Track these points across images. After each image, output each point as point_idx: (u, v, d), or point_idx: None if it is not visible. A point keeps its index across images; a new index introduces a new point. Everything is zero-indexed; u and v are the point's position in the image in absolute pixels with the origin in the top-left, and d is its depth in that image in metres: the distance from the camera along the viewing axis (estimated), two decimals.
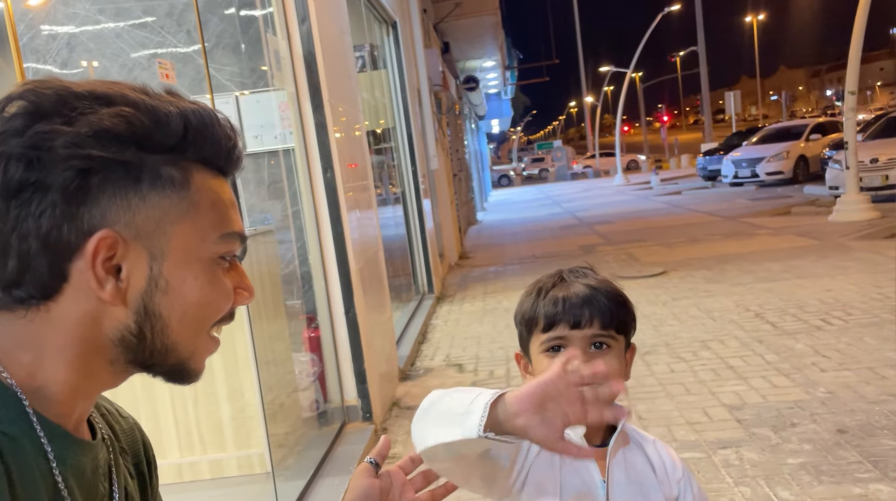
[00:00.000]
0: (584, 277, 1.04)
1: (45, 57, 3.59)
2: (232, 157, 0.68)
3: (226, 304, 0.67)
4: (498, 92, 24.83)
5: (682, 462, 1.07)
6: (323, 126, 3.37)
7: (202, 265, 0.65)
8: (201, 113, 0.64)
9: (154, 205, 0.62)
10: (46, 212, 0.58)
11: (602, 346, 1.00)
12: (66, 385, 0.63)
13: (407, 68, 6.83)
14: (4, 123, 0.59)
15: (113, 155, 0.60)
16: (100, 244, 0.60)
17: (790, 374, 3.72)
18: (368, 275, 3.82)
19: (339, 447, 3.19)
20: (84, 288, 0.61)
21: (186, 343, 0.66)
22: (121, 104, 0.61)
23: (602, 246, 9.76)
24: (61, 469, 0.62)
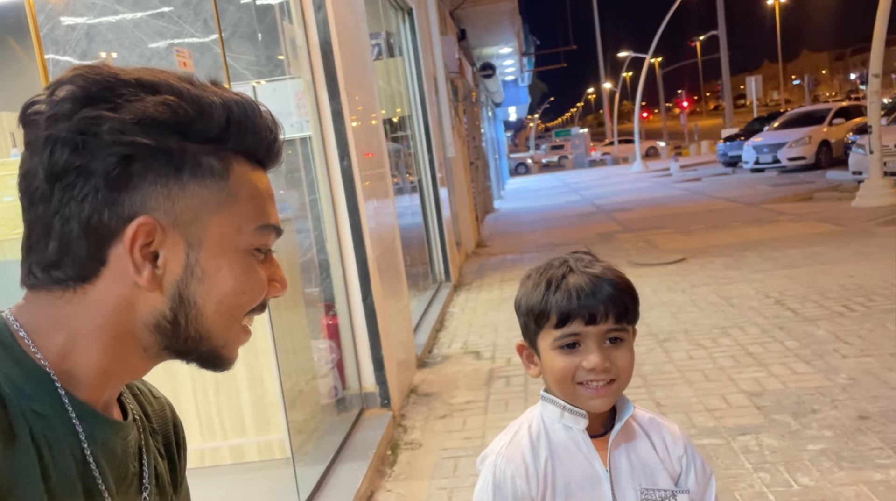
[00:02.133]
0: (591, 265, 1.01)
1: (64, 48, 3.62)
2: (272, 149, 0.69)
3: (259, 295, 0.68)
4: (515, 79, 24.67)
5: (684, 437, 1.06)
6: (339, 114, 3.38)
7: (238, 256, 0.66)
8: (244, 104, 0.65)
9: (193, 194, 0.63)
10: (89, 196, 0.60)
11: (617, 340, 0.98)
12: (97, 368, 0.64)
13: (423, 56, 6.81)
14: (53, 107, 0.60)
15: (156, 143, 0.61)
16: (138, 230, 0.61)
17: (811, 360, 3.69)
18: (385, 263, 3.83)
19: (357, 433, 3.21)
20: (121, 273, 0.62)
21: (220, 332, 0.67)
22: (166, 93, 0.62)
23: (620, 233, 9.70)
24: (92, 448, 0.63)
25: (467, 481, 2.82)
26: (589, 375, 0.97)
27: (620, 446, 1.02)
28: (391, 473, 2.98)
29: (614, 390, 0.99)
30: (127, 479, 0.68)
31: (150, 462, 0.72)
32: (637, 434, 1.04)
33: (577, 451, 1.01)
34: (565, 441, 1.02)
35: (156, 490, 0.73)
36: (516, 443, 1.04)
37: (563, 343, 0.98)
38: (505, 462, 1.02)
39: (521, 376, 4.04)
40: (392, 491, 2.81)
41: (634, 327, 1.03)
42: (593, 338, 0.97)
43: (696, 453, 1.06)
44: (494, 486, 1.02)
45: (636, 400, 1.08)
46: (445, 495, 2.73)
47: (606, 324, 0.97)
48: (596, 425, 1.02)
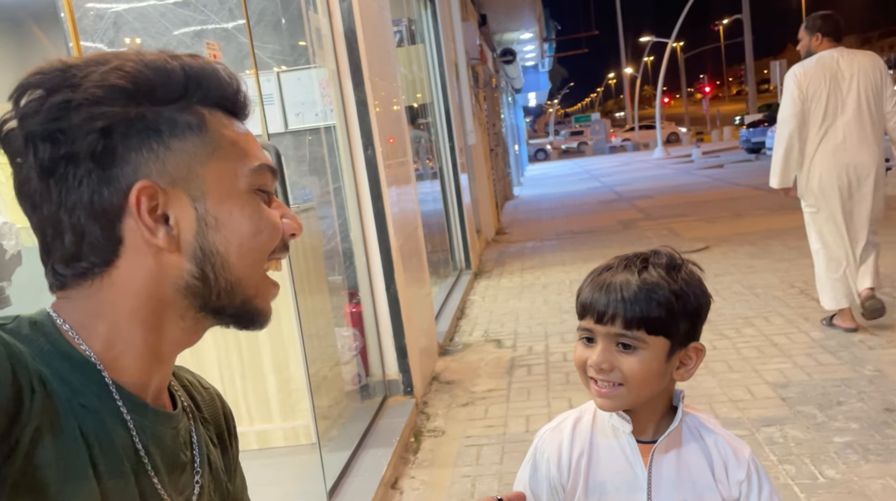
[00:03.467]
0: (640, 267, 0.96)
1: (92, 36, 3.66)
2: (238, 98, 0.70)
3: (276, 232, 0.69)
4: (535, 64, 24.46)
5: (754, 463, 1.00)
6: (364, 103, 3.38)
7: (243, 197, 0.67)
8: (198, 61, 0.67)
9: (179, 150, 0.64)
10: (84, 181, 0.61)
11: (629, 347, 0.95)
12: (143, 348, 0.65)
13: (444, 42, 6.78)
14: (21, 110, 0.61)
15: (126, 109, 0.62)
16: (140, 194, 0.62)
17: (836, 352, 3.65)
18: (408, 251, 3.85)
19: (381, 419, 3.25)
20: (139, 245, 0.63)
21: (248, 278, 0.68)
22: (113, 61, 0.63)
23: (642, 221, 9.64)
24: (142, 438, 0.64)
25: (490, 469, 2.84)
26: (591, 371, 0.96)
27: (670, 455, 0.99)
28: (415, 460, 3.01)
29: (620, 394, 0.95)
30: (179, 467, 0.69)
31: (202, 449, 0.73)
32: (693, 447, 1.00)
33: (620, 452, 1.00)
34: (611, 440, 1.02)
35: (210, 476, 0.74)
36: (559, 430, 1.06)
37: (581, 335, 0.99)
38: (545, 444, 1.05)
39: (543, 365, 4.05)
40: (416, 478, 2.84)
41: (679, 339, 0.96)
42: (602, 337, 0.96)
43: (766, 481, 1.00)
44: (533, 465, 1.06)
45: None
46: (469, 482, 2.75)
47: (614, 327, 0.94)
48: (646, 430, 1.00)
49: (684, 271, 0.98)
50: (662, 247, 1.01)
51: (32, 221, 0.64)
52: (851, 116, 3.71)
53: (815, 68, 3.77)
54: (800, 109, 3.76)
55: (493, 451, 3.00)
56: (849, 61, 3.74)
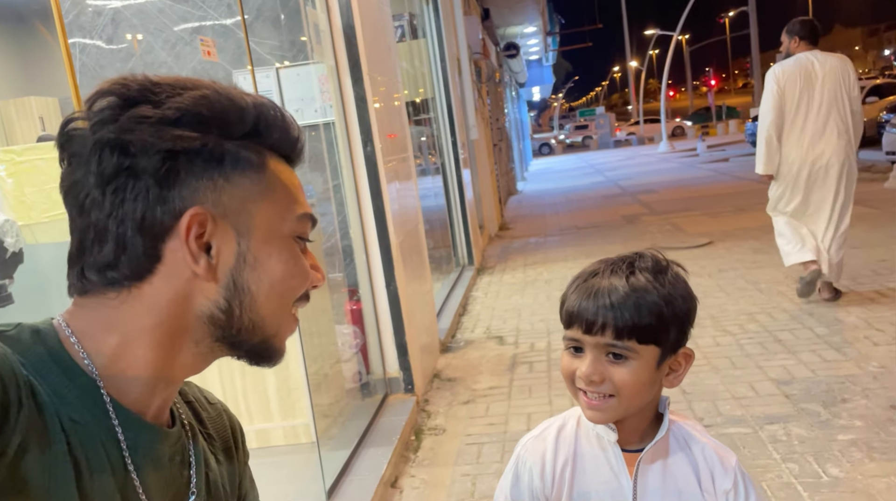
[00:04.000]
0: (627, 272, 0.94)
1: (90, 33, 3.64)
2: (297, 146, 0.72)
3: (305, 280, 0.70)
4: (539, 58, 24.38)
5: (741, 472, 0.98)
6: (363, 99, 3.36)
7: (284, 243, 0.68)
8: (269, 104, 0.69)
9: (237, 185, 0.65)
10: (140, 196, 0.61)
11: (619, 357, 0.92)
12: (149, 366, 0.64)
13: (446, 37, 6.74)
14: (96, 115, 0.62)
15: (198, 137, 0.63)
16: (192, 220, 0.62)
17: (841, 348, 3.62)
18: (409, 248, 3.83)
19: (381, 417, 3.23)
20: (177, 267, 0.63)
21: (272, 319, 0.68)
22: (202, 88, 0.64)
23: (646, 216, 9.59)
24: (134, 456, 0.63)
25: (490, 467, 2.82)
26: (581, 383, 0.93)
27: (656, 465, 0.97)
28: (415, 458, 3.00)
29: (611, 405, 0.92)
30: (174, 486, 0.68)
31: (200, 469, 0.72)
32: (679, 456, 0.98)
33: (605, 462, 0.98)
34: (595, 449, 1.00)
35: (205, 495, 0.73)
36: (542, 438, 1.03)
37: (568, 345, 0.96)
38: (527, 453, 1.03)
39: (545, 362, 4.03)
40: (416, 477, 2.83)
41: (669, 346, 0.95)
42: (591, 347, 0.93)
43: (752, 490, 0.98)
44: (515, 475, 1.04)
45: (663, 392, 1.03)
46: (469, 481, 2.74)
47: (603, 337, 0.91)
48: (632, 438, 0.98)
49: (670, 273, 0.96)
50: (647, 250, 0.99)
51: (75, 222, 0.64)
52: (820, 112, 4.14)
53: (791, 67, 4.20)
54: (778, 103, 4.19)
55: (494, 449, 2.99)
56: (822, 62, 4.18)
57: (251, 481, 0.85)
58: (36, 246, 5.24)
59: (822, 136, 4.15)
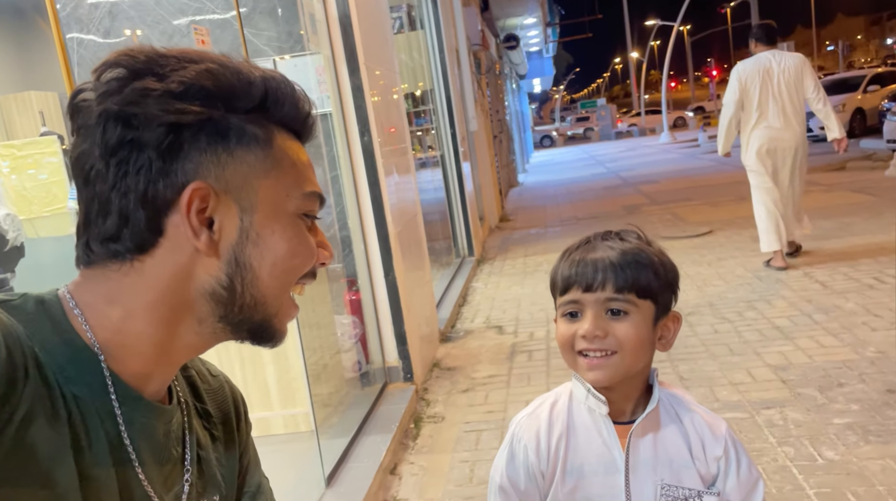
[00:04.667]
0: (617, 240, 0.98)
1: (88, 26, 3.65)
2: (308, 122, 0.72)
3: (310, 259, 0.70)
4: (539, 50, 24.31)
5: (731, 438, 1.00)
6: (360, 90, 3.37)
7: (288, 219, 0.67)
8: (279, 79, 0.68)
9: (241, 160, 0.65)
10: (143, 168, 0.61)
11: (619, 313, 0.94)
12: (152, 343, 0.65)
13: (445, 28, 6.74)
14: (102, 86, 0.62)
15: (203, 111, 0.62)
16: (193, 195, 0.62)
17: (839, 334, 3.63)
18: (407, 239, 3.84)
19: (380, 406, 3.25)
20: (179, 241, 0.63)
21: (273, 298, 0.68)
22: (208, 62, 0.64)
23: (646, 206, 9.59)
24: (129, 431, 0.64)
25: (489, 454, 2.84)
26: (583, 343, 0.95)
27: (647, 436, 0.98)
28: (414, 446, 3.02)
29: (614, 363, 0.94)
30: (169, 463, 0.69)
31: (193, 445, 0.73)
32: (670, 427, 1.00)
33: (597, 434, 0.99)
34: (587, 422, 1.01)
35: (197, 473, 0.73)
36: (535, 416, 1.04)
37: (565, 311, 0.98)
38: (522, 431, 1.04)
39: (544, 351, 4.05)
40: (415, 464, 2.85)
41: (662, 305, 0.98)
42: (591, 306, 0.95)
43: (744, 455, 1.00)
44: (510, 453, 1.05)
45: (659, 374, 1.04)
46: (468, 468, 2.76)
47: (604, 292, 0.94)
48: (623, 411, 0.99)
49: (654, 245, 1.00)
50: (627, 225, 1.03)
51: (81, 193, 0.64)
52: (781, 104, 4.79)
53: (752, 65, 4.85)
54: (738, 97, 4.86)
55: (493, 436, 3.01)
56: (779, 60, 4.82)
57: (254, 452, 0.86)
58: (37, 240, 5.25)
59: (786, 124, 4.81)
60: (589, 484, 0.99)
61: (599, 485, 0.98)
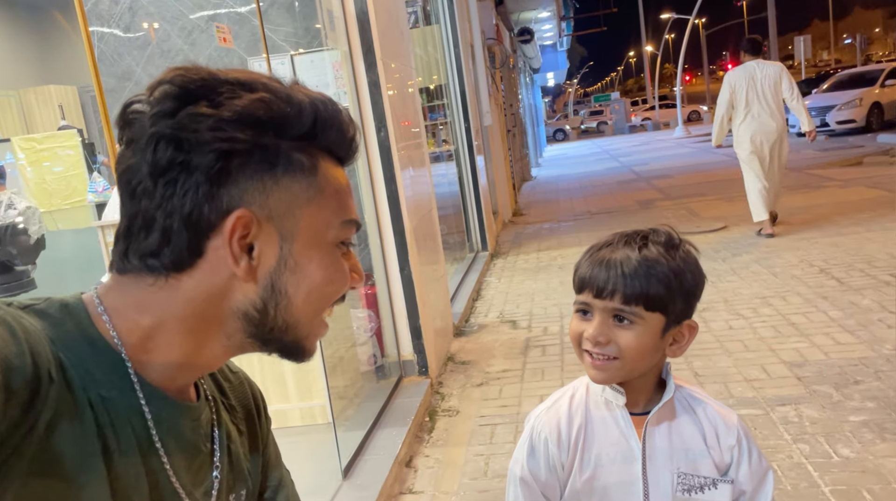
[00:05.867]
0: (641, 244, 0.98)
1: (108, 21, 3.69)
2: (352, 147, 0.71)
3: (343, 286, 0.70)
4: (553, 44, 24.19)
5: (743, 429, 1.03)
6: (376, 85, 3.38)
7: (326, 248, 0.68)
8: (328, 104, 0.68)
9: (286, 188, 0.65)
10: (190, 191, 0.62)
11: (623, 320, 0.96)
12: (179, 351, 0.66)
13: (460, 22, 6.73)
14: (155, 105, 0.62)
15: (253, 139, 0.63)
16: (237, 222, 0.63)
17: (855, 331, 3.62)
18: (422, 233, 3.86)
19: (396, 399, 3.28)
20: (217, 264, 0.64)
21: (305, 322, 0.69)
22: (261, 91, 0.64)
23: (660, 201, 9.55)
24: (158, 429, 0.65)
25: (504, 448, 2.87)
26: (588, 344, 0.98)
27: (662, 426, 1.01)
28: (429, 439, 3.05)
29: (615, 367, 0.97)
30: (198, 460, 0.70)
31: (223, 441, 0.74)
32: (685, 418, 1.03)
33: (614, 425, 1.02)
34: (604, 413, 1.04)
35: (228, 468, 0.75)
36: (555, 409, 1.07)
37: (577, 308, 1.01)
38: (542, 425, 1.06)
39: (558, 345, 4.06)
40: (430, 457, 2.88)
41: (675, 316, 0.98)
42: (599, 311, 0.97)
43: (754, 445, 1.04)
44: (530, 447, 1.07)
45: (674, 370, 1.06)
46: (482, 461, 2.78)
47: (612, 302, 0.96)
48: (639, 402, 1.02)
49: (682, 249, 1.00)
50: (661, 226, 1.03)
51: (125, 205, 0.65)
52: (762, 103, 5.93)
53: (740, 72, 6.01)
54: (729, 98, 6.05)
55: (507, 430, 3.03)
56: (762, 68, 5.96)
57: (275, 446, 0.87)
58: (57, 232, 5.30)
59: (771, 118, 5.92)
60: (607, 473, 1.01)
61: (617, 474, 1.01)
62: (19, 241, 4.48)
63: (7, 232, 4.47)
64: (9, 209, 4.50)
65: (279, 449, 0.89)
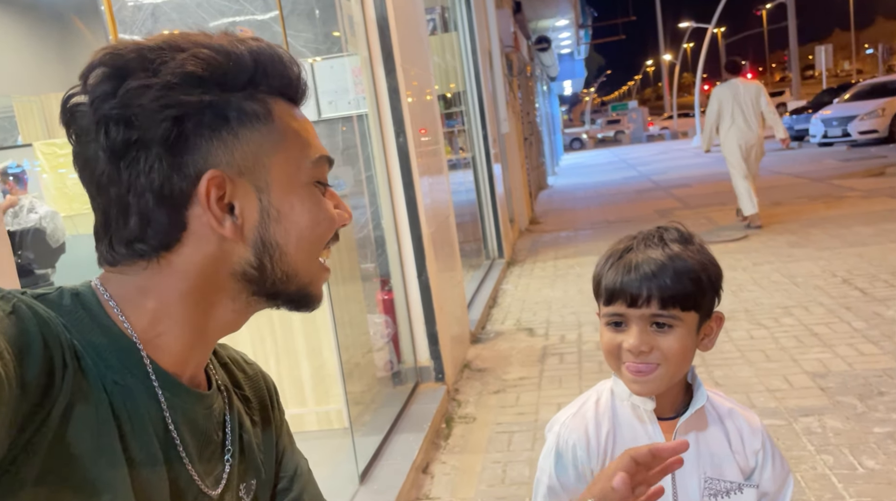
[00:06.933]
0: (660, 244, 0.96)
1: (131, 28, 3.73)
2: (300, 85, 0.70)
3: (332, 225, 0.70)
4: (571, 52, 24.17)
5: (766, 433, 1.02)
6: (395, 91, 3.39)
7: (304, 190, 0.67)
8: (265, 48, 0.67)
9: (247, 140, 0.64)
10: (154, 166, 0.61)
11: (663, 326, 0.94)
12: (188, 328, 0.65)
13: (478, 30, 6.74)
14: (93, 89, 0.61)
15: (200, 98, 0.62)
16: (209, 184, 0.62)
17: (879, 341, 3.56)
18: (440, 239, 3.86)
19: (412, 405, 3.27)
20: (203, 232, 0.63)
21: (304, 268, 0.68)
22: (193, 48, 0.63)
23: (679, 210, 9.48)
24: (173, 416, 0.65)
25: (521, 455, 2.84)
26: (628, 356, 0.95)
27: (690, 432, 1.00)
28: (446, 445, 3.03)
29: (658, 376, 0.95)
30: (210, 447, 0.70)
31: (235, 429, 0.74)
32: (710, 422, 1.01)
33: (642, 430, 1.00)
34: (631, 418, 1.02)
35: (239, 456, 0.74)
36: (581, 415, 1.05)
37: (609, 320, 0.98)
38: (568, 431, 1.04)
39: (575, 353, 4.03)
40: (447, 463, 2.86)
41: (705, 310, 0.98)
42: (636, 320, 0.94)
43: (777, 450, 1.02)
44: (557, 454, 1.04)
45: None
46: (500, 468, 2.76)
47: (649, 309, 0.93)
48: (666, 407, 1.00)
49: (696, 242, 0.99)
50: (669, 222, 1.01)
51: (96, 200, 0.64)
52: (746, 115, 6.93)
53: (726, 88, 7.03)
54: (717, 110, 7.06)
55: (525, 438, 3.00)
56: (744, 85, 7.01)
57: (289, 436, 0.87)
58: (77, 236, 5.35)
59: (750, 129, 6.92)
60: None
61: None
62: (39, 245, 4.53)
63: (28, 236, 4.52)
64: (30, 213, 4.56)
65: (293, 439, 0.88)
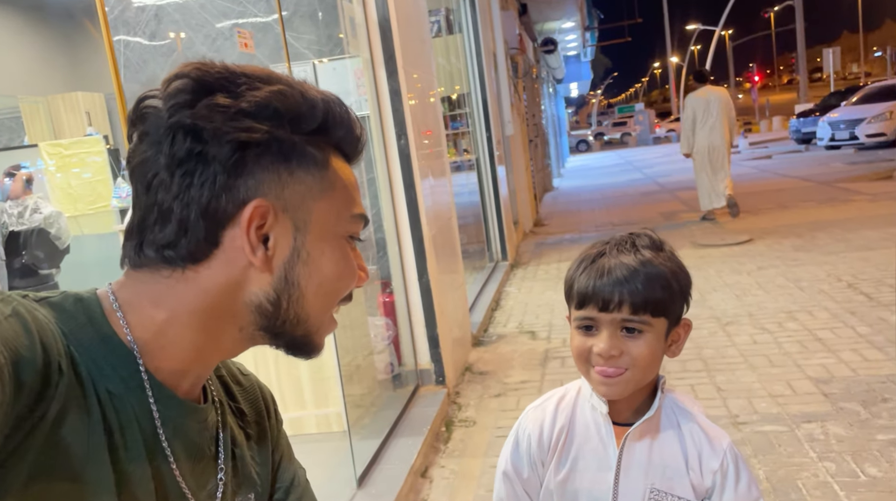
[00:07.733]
0: (632, 250, 0.97)
1: (134, 29, 3.74)
2: (359, 145, 0.73)
3: (352, 281, 0.71)
4: (577, 54, 24.15)
5: (732, 454, 0.98)
6: (397, 93, 3.38)
7: (336, 242, 0.69)
8: (338, 102, 0.70)
9: (300, 180, 0.66)
10: (208, 182, 0.62)
11: (633, 331, 0.95)
12: (191, 346, 0.66)
13: (483, 32, 6.73)
14: (173, 97, 0.62)
15: (270, 131, 0.64)
16: (255, 212, 0.63)
17: (884, 347, 3.52)
18: (442, 242, 3.84)
19: (412, 408, 3.26)
20: (233, 255, 0.64)
21: (316, 316, 0.69)
22: (279, 84, 0.65)
23: (684, 213, 9.44)
24: (165, 430, 0.64)
25: None
26: (598, 360, 0.96)
27: (644, 440, 1.00)
28: (445, 449, 3.01)
29: (625, 379, 0.95)
30: (203, 461, 0.70)
31: (227, 444, 0.74)
32: (669, 434, 1.00)
33: (596, 431, 1.02)
34: (588, 418, 1.03)
35: (232, 472, 0.74)
36: (542, 408, 1.08)
37: (580, 324, 0.98)
38: (527, 422, 1.07)
39: None
40: (446, 467, 2.85)
41: (674, 317, 0.98)
42: (606, 324, 0.95)
43: (745, 473, 0.99)
44: (515, 442, 1.08)
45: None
46: None
47: (620, 313, 0.94)
48: (625, 413, 1.01)
49: (666, 249, 1.00)
50: (641, 229, 1.02)
51: (140, 198, 0.65)
52: (714, 120, 7.86)
53: (697, 96, 7.96)
54: (693, 116, 7.96)
55: None
56: (714, 93, 7.92)
57: (287, 446, 0.87)
58: (81, 237, 5.36)
59: (715, 134, 7.87)
60: (580, 478, 1.01)
61: (590, 480, 1.01)
62: (45, 245, 4.55)
63: (33, 236, 4.54)
64: (35, 214, 4.57)
65: (291, 449, 0.88)
